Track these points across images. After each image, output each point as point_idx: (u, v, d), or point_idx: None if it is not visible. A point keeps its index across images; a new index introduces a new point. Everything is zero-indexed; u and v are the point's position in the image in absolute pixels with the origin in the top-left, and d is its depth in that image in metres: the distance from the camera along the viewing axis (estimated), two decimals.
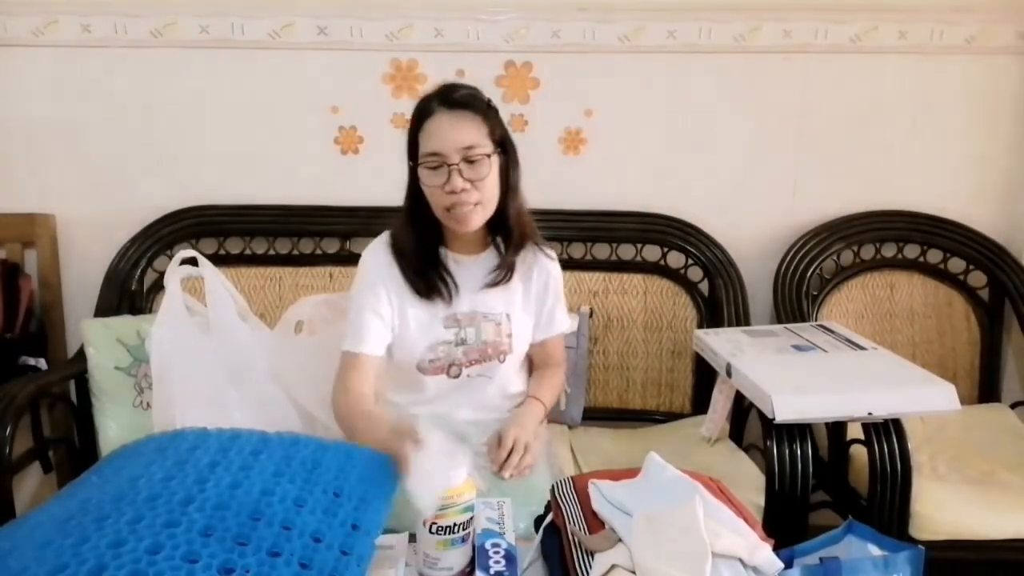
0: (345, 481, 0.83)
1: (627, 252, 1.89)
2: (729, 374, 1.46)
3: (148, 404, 1.56)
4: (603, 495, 0.90)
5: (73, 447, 1.72)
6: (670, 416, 1.84)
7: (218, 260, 1.73)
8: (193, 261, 1.49)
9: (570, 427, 1.76)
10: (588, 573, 0.80)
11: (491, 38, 1.83)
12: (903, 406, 1.32)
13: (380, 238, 1.37)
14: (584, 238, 1.88)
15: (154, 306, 1.80)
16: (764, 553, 0.79)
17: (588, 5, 1.81)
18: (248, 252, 1.88)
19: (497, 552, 0.89)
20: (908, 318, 1.90)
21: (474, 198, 1.23)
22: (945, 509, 1.37)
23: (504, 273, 1.35)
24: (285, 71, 1.85)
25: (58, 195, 1.88)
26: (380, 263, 1.33)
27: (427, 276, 1.31)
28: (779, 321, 1.77)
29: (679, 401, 1.86)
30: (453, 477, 0.89)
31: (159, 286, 1.75)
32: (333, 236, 1.88)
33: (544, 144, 1.88)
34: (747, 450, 1.64)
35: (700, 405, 1.79)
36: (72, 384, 1.71)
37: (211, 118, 1.86)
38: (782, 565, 0.79)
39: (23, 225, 1.84)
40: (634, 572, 0.77)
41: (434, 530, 0.88)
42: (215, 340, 1.45)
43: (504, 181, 1.28)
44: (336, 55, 1.84)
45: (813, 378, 1.36)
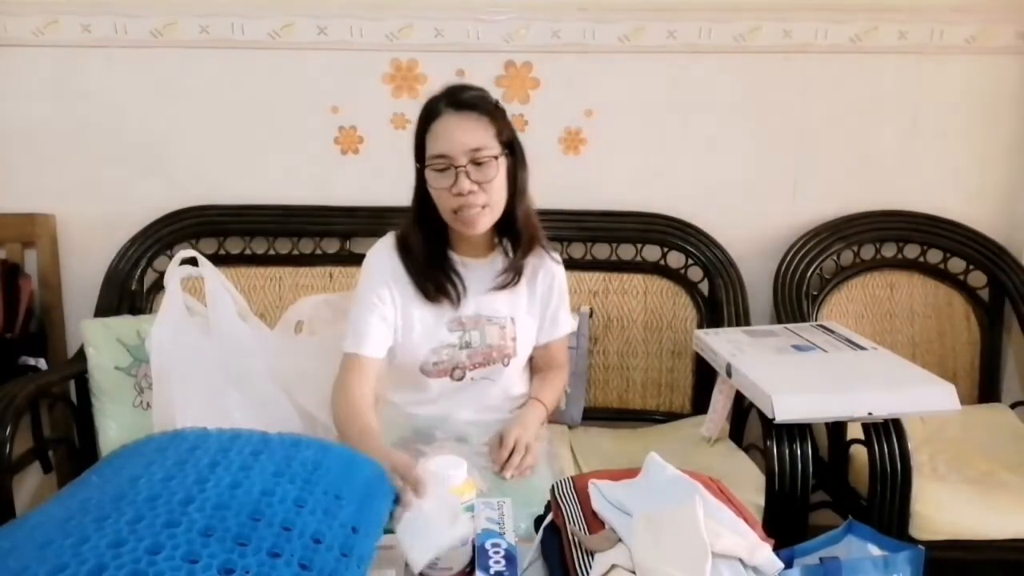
0: (346, 483, 0.83)
1: (627, 252, 1.89)
2: (729, 374, 1.46)
3: (148, 404, 1.56)
4: (603, 495, 0.90)
5: (73, 447, 1.72)
6: (670, 416, 1.84)
7: (218, 260, 1.73)
8: (193, 261, 1.49)
9: (570, 427, 1.75)
10: (588, 573, 0.80)
11: (491, 38, 1.83)
12: (903, 406, 1.32)
13: (385, 239, 1.35)
14: (584, 238, 1.88)
15: (154, 306, 1.80)
16: (764, 553, 0.79)
17: (588, 5, 1.81)
18: (248, 252, 1.88)
19: (497, 552, 0.89)
20: (908, 318, 1.90)
21: (481, 200, 1.22)
22: (945, 509, 1.37)
23: (512, 276, 1.33)
24: (285, 71, 1.85)
25: (58, 195, 1.88)
26: (385, 264, 1.32)
27: (436, 278, 1.30)
28: (779, 321, 1.77)
29: (679, 401, 1.86)
30: (451, 539, 0.86)
31: (159, 286, 1.75)
32: (333, 236, 1.88)
33: (544, 144, 1.87)
34: (747, 450, 1.65)
35: (700, 405, 1.79)
36: (72, 384, 1.71)
37: (211, 118, 1.86)
38: (782, 565, 0.79)
39: (23, 225, 1.84)
40: (634, 572, 0.77)
41: None
42: (215, 340, 1.45)
43: (512, 183, 1.27)
44: (336, 55, 1.84)
45: (813, 378, 1.36)
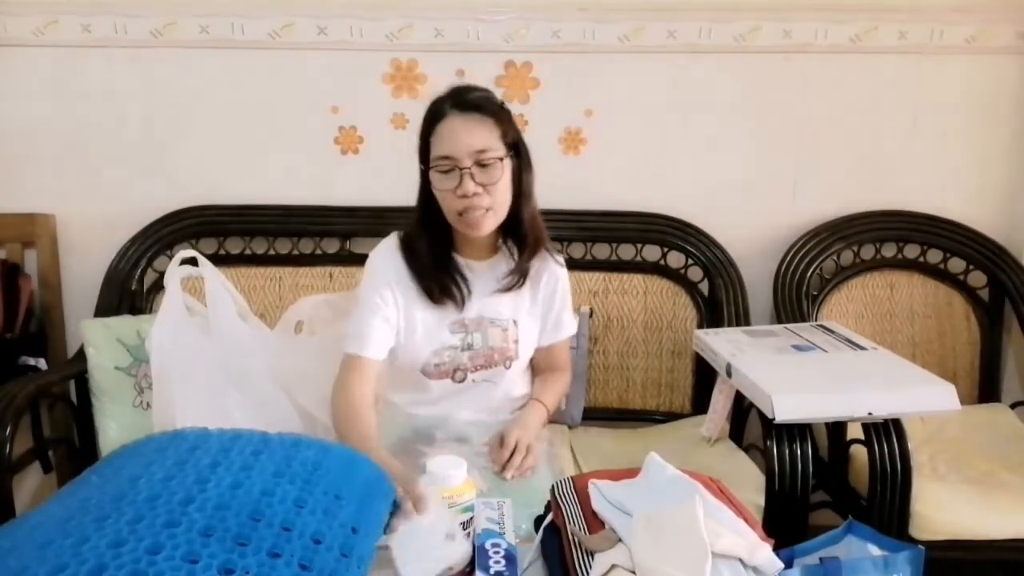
0: (346, 483, 0.83)
1: (627, 252, 1.89)
2: (729, 374, 1.46)
3: (148, 404, 1.56)
4: (603, 495, 0.90)
5: (73, 447, 1.72)
6: (670, 416, 1.84)
7: (218, 260, 1.72)
8: (193, 261, 1.49)
9: (570, 427, 1.75)
10: (588, 573, 0.80)
11: (491, 38, 1.83)
12: (903, 406, 1.32)
13: (387, 240, 1.35)
14: (584, 238, 1.88)
15: (154, 306, 1.80)
16: (764, 553, 0.79)
17: (588, 5, 1.81)
18: (248, 252, 1.88)
19: (497, 552, 0.89)
20: (908, 318, 1.90)
21: (486, 202, 1.21)
22: (945, 509, 1.37)
23: (518, 279, 1.33)
24: (285, 71, 1.84)
25: (58, 195, 1.87)
26: (388, 266, 1.31)
27: (441, 281, 1.29)
28: (779, 321, 1.77)
29: (679, 401, 1.86)
30: (447, 559, 0.86)
31: (159, 286, 1.75)
32: (333, 236, 1.88)
33: (544, 144, 1.87)
34: (747, 450, 1.64)
35: (700, 405, 1.78)
36: (72, 384, 1.71)
37: (211, 118, 1.86)
38: (782, 565, 0.79)
39: (23, 225, 1.83)
40: (634, 572, 0.77)
41: None
42: (215, 340, 1.45)
43: (517, 185, 1.26)
44: (336, 55, 1.83)
45: (813, 378, 1.36)
